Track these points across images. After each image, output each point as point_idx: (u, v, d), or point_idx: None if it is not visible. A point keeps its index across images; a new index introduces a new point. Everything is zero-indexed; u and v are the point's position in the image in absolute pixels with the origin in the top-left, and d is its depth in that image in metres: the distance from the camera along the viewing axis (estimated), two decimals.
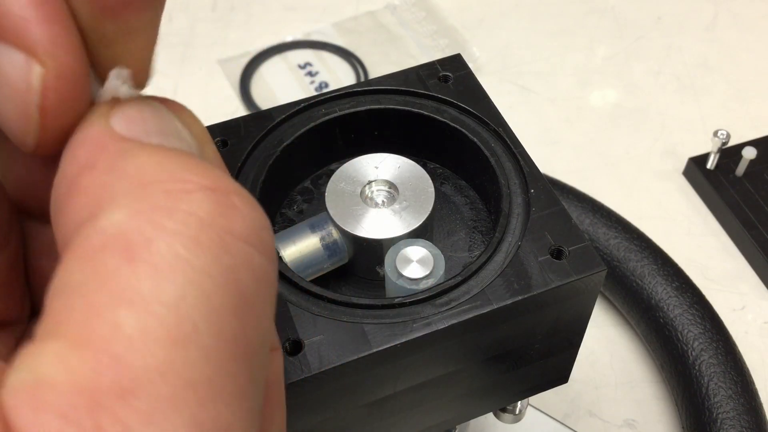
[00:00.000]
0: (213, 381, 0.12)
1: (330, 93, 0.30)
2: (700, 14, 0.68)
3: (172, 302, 0.12)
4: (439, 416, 0.29)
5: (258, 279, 0.13)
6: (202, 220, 0.13)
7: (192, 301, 0.12)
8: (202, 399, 0.12)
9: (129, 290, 0.12)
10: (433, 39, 0.66)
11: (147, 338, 0.12)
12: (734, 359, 0.44)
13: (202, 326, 0.12)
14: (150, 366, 0.11)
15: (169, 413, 0.11)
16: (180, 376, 0.12)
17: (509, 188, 0.28)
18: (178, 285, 0.12)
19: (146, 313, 0.12)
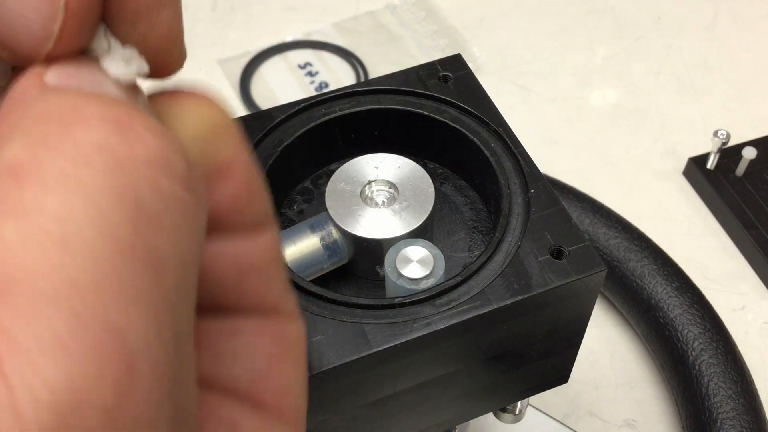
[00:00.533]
0: (101, 282, 0.12)
1: (330, 93, 0.30)
2: (700, 14, 0.68)
3: (54, 210, 0.12)
4: (439, 416, 0.29)
5: (166, 201, 0.13)
6: (96, 144, 0.13)
7: (79, 210, 0.12)
8: (85, 297, 0.12)
9: (13, 205, 0.12)
10: (433, 39, 0.66)
11: (26, 242, 0.12)
12: (734, 359, 0.44)
13: (88, 232, 0.12)
14: (28, 266, 0.12)
15: (45, 308, 0.11)
16: (61, 275, 0.12)
17: (509, 188, 0.28)
18: (63, 197, 0.12)
19: (26, 221, 0.12)
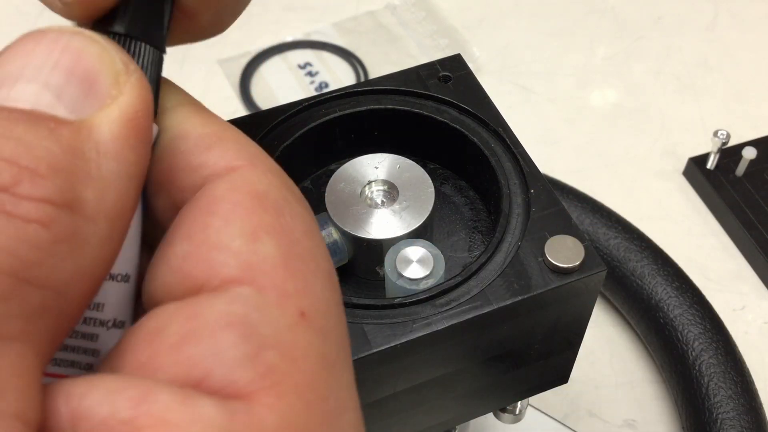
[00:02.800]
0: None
1: (330, 93, 0.30)
2: (700, 14, 0.68)
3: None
4: (439, 416, 0.29)
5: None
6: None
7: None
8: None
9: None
10: (433, 39, 0.66)
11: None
12: (734, 359, 0.44)
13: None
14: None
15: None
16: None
17: (509, 188, 0.28)
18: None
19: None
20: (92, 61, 0.14)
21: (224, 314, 0.14)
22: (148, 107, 0.15)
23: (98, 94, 0.14)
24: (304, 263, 0.15)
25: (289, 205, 0.15)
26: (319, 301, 0.15)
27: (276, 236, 0.15)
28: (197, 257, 0.14)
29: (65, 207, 0.13)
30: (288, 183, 0.16)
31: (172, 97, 0.17)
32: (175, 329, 0.13)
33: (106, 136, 0.14)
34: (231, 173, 0.15)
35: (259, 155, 0.16)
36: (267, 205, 0.15)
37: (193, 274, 0.14)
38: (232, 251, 0.14)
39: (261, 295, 0.14)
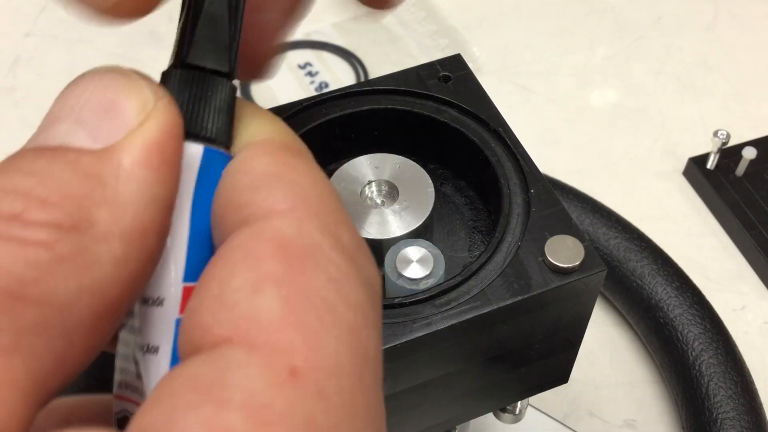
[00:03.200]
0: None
1: (330, 93, 0.30)
2: (700, 14, 0.68)
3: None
4: (439, 416, 0.29)
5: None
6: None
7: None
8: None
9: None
10: (433, 39, 0.66)
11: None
12: (734, 359, 0.44)
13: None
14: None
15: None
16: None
17: (509, 188, 0.28)
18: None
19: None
20: (119, 92, 0.15)
21: (191, 377, 0.13)
22: (174, 131, 0.15)
23: (123, 122, 0.15)
24: (314, 316, 0.14)
25: (317, 252, 0.14)
26: (324, 357, 0.13)
27: (283, 287, 0.14)
28: (198, 313, 0.14)
29: (72, 229, 0.14)
30: (331, 230, 0.15)
31: (259, 128, 0.17)
32: (154, 393, 0.13)
33: (127, 160, 0.15)
34: (265, 218, 0.15)
35: (312, 199, 0.15)
36: (287, 253, 0.14)
37: (194, 333, 0.14)
38: (228, 306, 0.14)
39: (247, 354, 0.13)
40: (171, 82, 0.17)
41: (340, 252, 0.15)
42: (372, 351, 0.15)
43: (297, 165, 0.16)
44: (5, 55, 0.65)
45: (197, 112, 0.17)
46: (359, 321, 0.14)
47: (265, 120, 0.17)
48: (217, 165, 0.17)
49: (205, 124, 0.17)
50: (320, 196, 0.16)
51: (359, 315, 0.14)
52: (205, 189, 0.16)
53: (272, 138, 0.17)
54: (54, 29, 0.66)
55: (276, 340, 0.13)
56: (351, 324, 0.14)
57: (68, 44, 0.65)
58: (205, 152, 0.16)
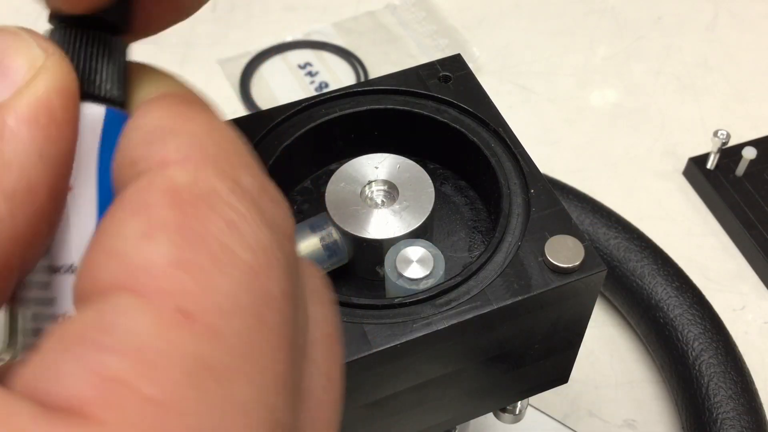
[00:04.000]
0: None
1: (330, 93, 0.30)
2: (700, 14, 0.68)
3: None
4: (439, 416, 0.29)
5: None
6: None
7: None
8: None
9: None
10: (433, 39, 0.66)
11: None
12: (734, 359, 0.44)
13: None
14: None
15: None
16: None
17: (509, 188, 0.28)
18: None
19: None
20: (6, 51, 0.15)
21: (75, 327, 0.13)
22: (66, 89, 0.15)
23: (10, 80, 0.15)
24: (207, 258, 0.13)
25: (213, 197, 0.14)
26: (218, 298, 0.13)
27: (174, 232, 0.13)
28: (88, 265, 0.14)
29: None
30: (229, 174, 0.15)
31: (154, 86, 0.17)
32: (44, 345, 0.13)
33: (12, 119, 0.14)
34: (158, 169, 0.15)
35: (208, 146, 0.15)
36: (179, 199, 0.14)
37: (84, 286, 0.14)
38: (116, 255, 0.13)
39: (135, 299, 0.13)
40: (64, 40, 0.16)
41: (239, 195, 0.15)
42: (277, 290, 0.14)
43: (192, 115, 0.16)
44: None
45: (94, 72, 0.16)
46: (260, 261, 0.14)
47: (160, 78, 0.17)
48: (119, 125, 0.16)
49: (104, 84, 0.16)
50: (217, 142, 0.15)
51: (260, 255, 0.14)
52: (110, 150, 0.16)
53: (166, 93, 0.17)
54: None
55: (165, 285, 0.13)
56: (249, 264, 0.14)
57: None
58: (107, 113, 0.16)
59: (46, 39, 0.16)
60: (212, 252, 0.13)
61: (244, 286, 0.13)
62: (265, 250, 0.14)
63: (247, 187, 0.15)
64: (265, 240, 0.14)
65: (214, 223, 0.14)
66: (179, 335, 0.12)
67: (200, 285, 0.13)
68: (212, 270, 0.13)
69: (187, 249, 0.13)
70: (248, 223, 0.14)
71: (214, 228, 0.14)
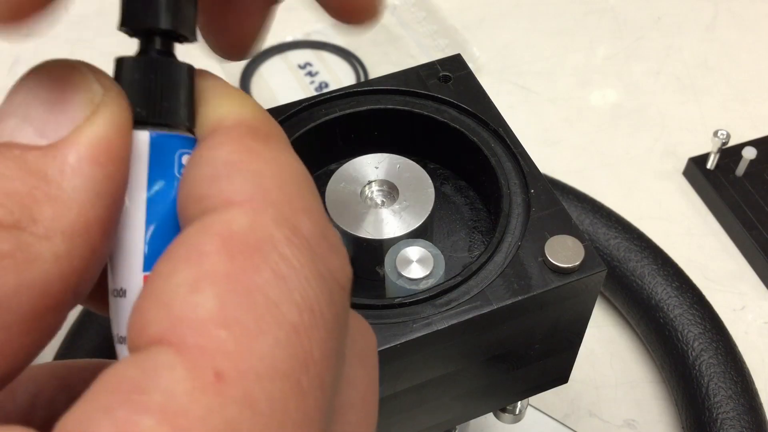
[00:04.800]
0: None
1: (330, 93, 0.30)
2: (700, 14, 0.68)
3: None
4: (439, 416, 0.29)
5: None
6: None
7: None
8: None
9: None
10: (433, 39, 0.66)
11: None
12: (734, 359, 0.44)
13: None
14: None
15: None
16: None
17: (509, 188, 0.28)
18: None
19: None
20: (66, 86, 0.15)
21: (115, 378, 0.13)
22: (122, 125, 0.15)
23: (70, 117, 0.15)
24: (251, 315, 0.13)
25: (267, 246, 0.14)
26: (255, 360, 0.13)
27: (223, 285, 0.13)
28: (137, 312, 0.14)
29: (13, 227, 0.14)
30: (289, 219, 0.14)
31: (227, 109, 0.16)
32: (87, 395, 0.13)
33: (73, 157, 0.14)
34: (218, 211, 0.14)
35: (271, 188, 0.15)
36: (233, 248, 0.14)
37: (133, 332, 0.14)
38: (164, 305, 0.13)
39: (175, 355, 0.13)
40: (124, 70, 0.17)
41: (295, 244, 0.14)
42: (318, 354, 0.14)
43: (262, 151, 0.15)
44: (5, 55, 0.65)
45: (150, 98, 0.16)
46: (305, 321, 0.14)
47: (233, 100, 0.17)
48: (171, 150, 0.16)
49: (157, 109, 0.16)
50: (282, 183, 0.15)
51: (306, 314, 0.14)
52: (160, 176, 0.16)
53: (239, 121, 0.16)
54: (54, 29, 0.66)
55: (205, 342, 0.13)
56: (294, 324, 0.13)
57: (68, 44, 0.65)
58: (152, 139, 0.16)
59: (104, 74, 0.16)
60: (257, 309, 0.13)
61: (285, 348, 0.13)
62: (312, 310, 0.14)
63: (306, 234, 0.15)
64: (314, 297, 0.14)
65: (263, 276, 0.14)
66: (213, 399, 0.12)
67: (240, 346, 0.13)
68: (254, 330, 0.13)
69: (233, 305, 0.13)
70: (299, 276, 0.14)
71: (263, 281, 0.14)
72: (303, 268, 0.14)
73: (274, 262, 0.14)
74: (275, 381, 0.13)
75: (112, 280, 0.16)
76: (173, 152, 0.16)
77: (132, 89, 0.16)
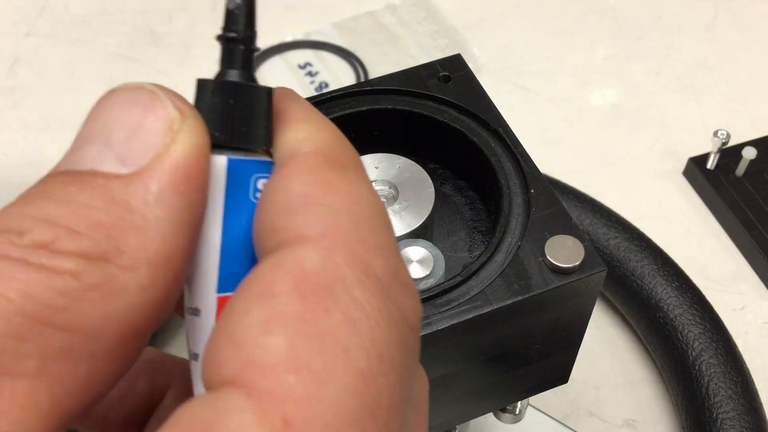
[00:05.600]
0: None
1: (330, 93, 0.30)
2: (700, 14, 0.68)
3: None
4: (439, 416, 0.29)
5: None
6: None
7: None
8: None
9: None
10: (433, 39, 0.66)
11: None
12: (734, 359, 0.44)
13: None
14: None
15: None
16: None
17: (509, 188, 0.28)
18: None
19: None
20: (146, 112, 0.15)
21: (188, 418, 0.13)
22: (201, 151, 0.15)
23: (150, 143, 0.15)
24: (321, 360, 0.13)
25: (338, 287, 0.14)
26: (324, 407, 0.13)
27: (293, 327, 0.13)
28: (211, 350, 0.14)
29: (100, 258, 0.14)
30: (362, 258, 0.14)
31: (305, 135, 0.16)
32: (164, 426, 0.13)
33: (155, 186, 0.15)
34: (292, 246, 0.14)
35: (345, 225, 0.15)
36: (305, 288, 0.14)
37: (206, 370, 0.14)
38: (237, 345, 0.13)
39: (246, 399, 0.13)
40: (203, 93, 0.16)
41: (366, 285, 0.14)
42: (386, 401, 0.13)
43: (337, 183, 0.15)
44: (5, 55, 0.65)
45: (229, 122, 0.16)
46: (374, 367, 0.13)
47: (313, 125, 0.17)
48: (246, 174, 0.16)
49: (235, 134, 0.16)
50: (356, 220, 0.15)
51: (375, 359, 0.13)
52: (237, 198, 0.16)
53: (317, 148, 0.16)
54: (54, 29, 0.66)
55: (274, 386, 0.13)
56: (363, 370, 0.13)
57: (68, 44, 0.65)
58: (229, 163, 0.16)
59: (181, 98, 0.16)
60: (326, 354, 0.13)
61: (353, 395, 0.13)
62: (381, 356, 0.14)
63: (378, 274, 0.14)
64: (383, 342, 0.14)
65: (334, 319, 0.13)
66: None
67: (309, 392, 0.13)
68: (323, 374, 0.13)
69: (303, 349, 0.13)
70: (370, 320, 0.14)
71: (333, 324, 0.13)
72: (374, 311, 0.14)
73: (345, 305, 0.14)
74: (342, 429, 0.13)
75: (188, 299, 0.17)
76: (249, 176, 0.16)
77: (210, 113, 0.16)
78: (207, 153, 0.15)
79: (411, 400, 0.15)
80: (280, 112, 0.17)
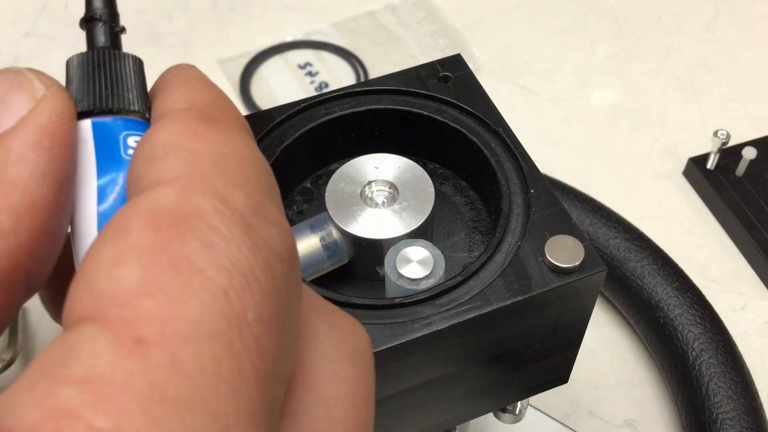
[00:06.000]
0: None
1: (330, 93, 0.30)
2: (700, 14, 0.68)
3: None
4: (439, 416, 0.29)
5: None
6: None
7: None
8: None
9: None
10: (433, 39, 0.66)
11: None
12: (734, 359, 0.44)
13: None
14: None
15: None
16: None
17: (509, 188, 0.28)
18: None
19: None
20: (9, 88, 0.17)
21: (39, 359, 0.13)
22: (64, 113, 0.17)
23: (14, 111, 0.16)
24: (176, 282, 0.13)
25: (194, 218, 0.14)
26: (182, 324, 0.13)
27: (147, 257, 0.13)
28: (68, 295, 0.14)
29: None
30: (220, 193, 0.14)
31: (180, 95, 0.17)
32: (19, 378, 0.13)
33: (17, 144, 0.16)
34: (148, 190, 0.14)
35: (204, 165, 0.15)
36: (158, 223, 0.14)
37: (64, 313, 0.14)
38: (88, 283, 0.13)
39: (98, 329, 0.13)
40: (68, 68, 0.18)
41: (224, 216, 0.14)
42: (252, 317, 0.13)
43: (204, 133, 0.16)
44: (5, 55, 0.65)
45: (93, 88, 0.18)
46: (236, 284, 0.13)
47: (191, 87, 0.18)
48: (116, 131, 0.17)
49: (100, 98, 0.18)
50: (218, 162, 0.15)
51: (237, 278, 0.13)
52: (108, 157, 0.17)
53: (190, 106, 0.17)
54: (54, 29, 0.66)
55: (127, 312, 0.13)
56: (222, 288, 0.13)
57: (68, 44, 0.65)
58: (94, 125, 0.17)
59: (45, 75, 0.17)
60: (181, 276, 0.13)
61: (213, 310, 0.13)
62: (244, 274, 0.14)
63: (238, 207, 0.14)
64: (246, 263, 0.14)
65: (189, 246, 0.13)
66: (135, 364, 0.12)
67: (164, 312, 0.13)
68: (178, 295, 0.13)
69: (155, 274, 0.13)
70: (229, 244, 0.14)
71: (189, 250, 0.13)
72: (234, 237, 0.14)
73: (201, 231, 0.14)
74: (203, 343, 0.13)
75: (76, 260, 0.17)
76: (117, 135, 0.17)
77: (77, 83, 0.18)
78: (70, 115, 0.17)
79: (334, 353, 0.16)
80: (165, 82, 0.18)
